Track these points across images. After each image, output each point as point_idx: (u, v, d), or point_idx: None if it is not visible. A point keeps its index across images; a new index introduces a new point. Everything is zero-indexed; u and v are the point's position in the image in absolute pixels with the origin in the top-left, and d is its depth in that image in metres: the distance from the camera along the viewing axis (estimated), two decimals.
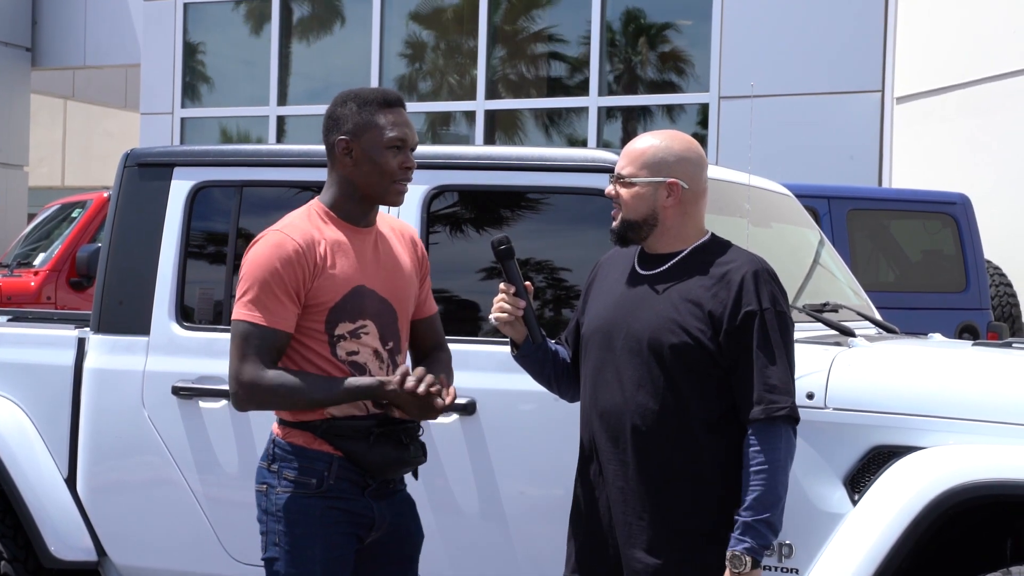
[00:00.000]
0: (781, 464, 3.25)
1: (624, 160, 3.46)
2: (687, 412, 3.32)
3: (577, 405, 3.68)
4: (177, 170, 4.72)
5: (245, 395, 3.33)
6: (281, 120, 15.45)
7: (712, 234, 3.50)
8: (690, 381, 3.31)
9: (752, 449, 3.25)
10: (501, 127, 14.81)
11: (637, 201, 3.42)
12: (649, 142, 3.46)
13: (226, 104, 16.00)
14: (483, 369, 4.16)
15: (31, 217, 13.51)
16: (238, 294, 3.36)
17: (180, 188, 4.70)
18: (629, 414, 3.35)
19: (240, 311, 3.34)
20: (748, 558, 3.20)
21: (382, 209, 3.59)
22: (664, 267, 3.42)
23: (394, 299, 3.45)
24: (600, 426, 3.41)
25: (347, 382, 3.33)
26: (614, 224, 3.47)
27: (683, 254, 3.42)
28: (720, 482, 3.31)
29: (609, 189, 3.49)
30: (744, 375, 3.29)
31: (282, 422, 3.41)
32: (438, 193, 4.44)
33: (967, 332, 8.90)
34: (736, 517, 3.24)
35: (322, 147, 3.55)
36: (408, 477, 3.55)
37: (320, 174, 4.46)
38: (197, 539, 4.55)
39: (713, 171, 4.01)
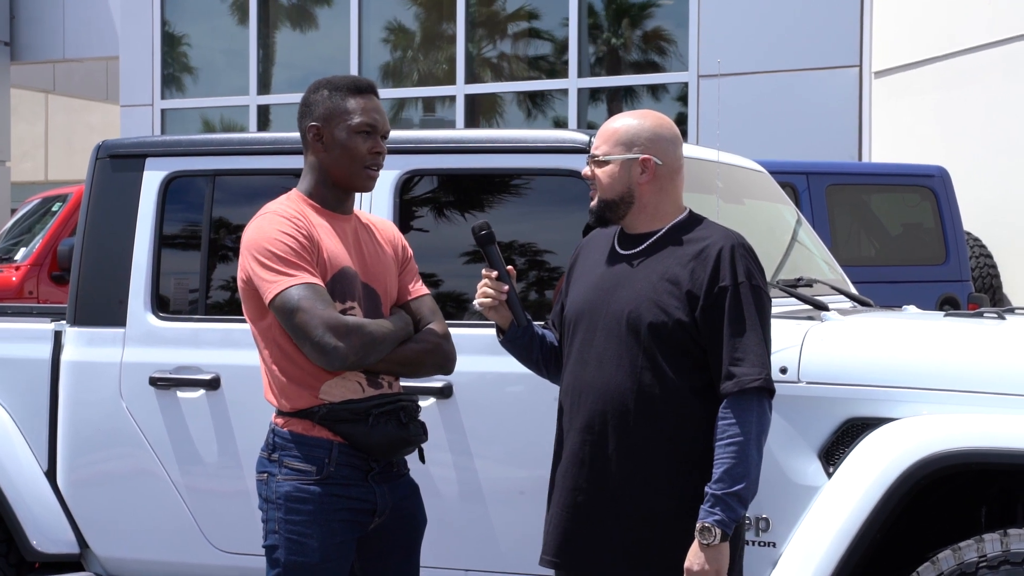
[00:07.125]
0: (753, 437, 3.24)
1: (598, 140, 3.49)
2: (666, 392, 3.32)
3: (554, 387, 3.69)
4: (149, 161, 4.72)
5: (358, 340, 3.27)
6: (263, 109, 15.42)
7: (690, 211, 3.51)
8: (669, 360, 3.32)
9: (724, 422, 3.25)
10: (482, 111, 14.80)
11: (612, 180, 3.43)
12: (621, 121, 3.49)
13: (206, 94, 15.96)
14: (458, 352, 4.18)
15: (14, 212, 13.46)
16: (259, 276, 3.31)
17: (152, 179, 4.69)
18: (608, 394, 3.35)
19: (277, 286, 3.28)
20: (717, 530, 3.20)
21: (356, 205, 3.60)
22: (643, 246, 3.43)
23: (376, 284, 3.47)
24: (578, 407, 3.41)
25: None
26: (592, 204, 3.48)
27: (661, 232, 3.43)
28: (698, 462, 3.31)
29: (586, 170, 3.50)
30: (718, 350, 3.30)
31: (280, 412, 3.41)
32: (410, 178, 4.44)
33: (948, 304, 8.93)
34: (706, 489, 3.24)
35: (294, 134, 3.55)
36: (414, 462, 3.55)
37: (292, 161, 4.49)
38: (178, 529, 4.55)
39: (684, 149, 4.03)
